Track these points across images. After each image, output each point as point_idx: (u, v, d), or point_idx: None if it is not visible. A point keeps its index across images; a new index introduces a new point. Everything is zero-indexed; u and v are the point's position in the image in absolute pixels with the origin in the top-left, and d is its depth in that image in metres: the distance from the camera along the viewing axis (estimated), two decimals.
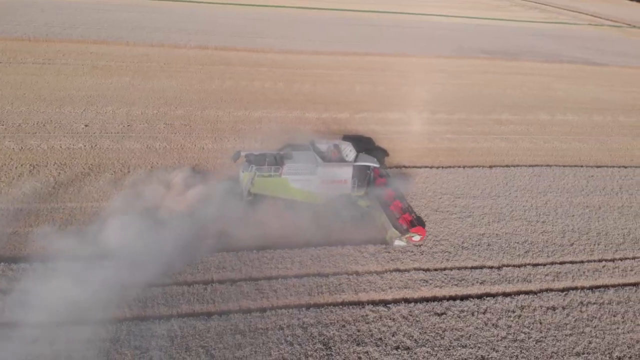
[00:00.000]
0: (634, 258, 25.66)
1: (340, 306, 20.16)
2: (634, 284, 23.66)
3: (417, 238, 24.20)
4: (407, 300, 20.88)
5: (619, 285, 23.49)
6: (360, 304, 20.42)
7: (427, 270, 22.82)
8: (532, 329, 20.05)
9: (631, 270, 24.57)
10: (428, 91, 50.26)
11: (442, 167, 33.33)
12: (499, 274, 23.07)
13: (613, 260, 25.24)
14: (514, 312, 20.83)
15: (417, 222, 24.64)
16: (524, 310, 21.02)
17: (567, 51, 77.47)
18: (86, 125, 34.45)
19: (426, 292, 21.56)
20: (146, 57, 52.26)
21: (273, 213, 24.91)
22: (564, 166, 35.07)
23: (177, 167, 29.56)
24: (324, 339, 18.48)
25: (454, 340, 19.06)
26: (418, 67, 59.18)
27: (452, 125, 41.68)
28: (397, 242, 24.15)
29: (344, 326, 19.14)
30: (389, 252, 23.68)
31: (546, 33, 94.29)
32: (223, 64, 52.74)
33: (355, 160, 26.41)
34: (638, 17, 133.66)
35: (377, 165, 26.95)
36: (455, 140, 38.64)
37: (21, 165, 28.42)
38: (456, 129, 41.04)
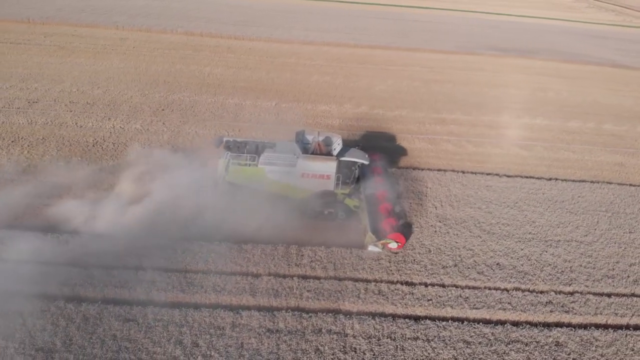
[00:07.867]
0: (442, 285, 20.55)
1: None
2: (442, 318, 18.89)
3: (393, 245, 21.68)
4: None
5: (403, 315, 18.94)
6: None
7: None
8: None
9: (430, 299, 19.67)
10: (388, 86, 45.69)
11: None
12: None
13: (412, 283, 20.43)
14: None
15: (399, 229, 22.17)
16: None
17: (602, 53, 67.24)
18: None
19: None
20: (120, 41, 52.84)
21: None
22: (463, 172, 29.66)
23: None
24: None
25: None
26: (399, 61, 54.32)
27: (386, 123, 37.29)
28: (371, 248, 21.94)
29: None
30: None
31: (598, 35, 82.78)
32: (190, 49, 52.08)
33: (344, 154, 24.14)
34: None
35: (366, 162, 24.66)
36: (369, 137, 34.44)
37: None
38: (379, 125, 36.76)
